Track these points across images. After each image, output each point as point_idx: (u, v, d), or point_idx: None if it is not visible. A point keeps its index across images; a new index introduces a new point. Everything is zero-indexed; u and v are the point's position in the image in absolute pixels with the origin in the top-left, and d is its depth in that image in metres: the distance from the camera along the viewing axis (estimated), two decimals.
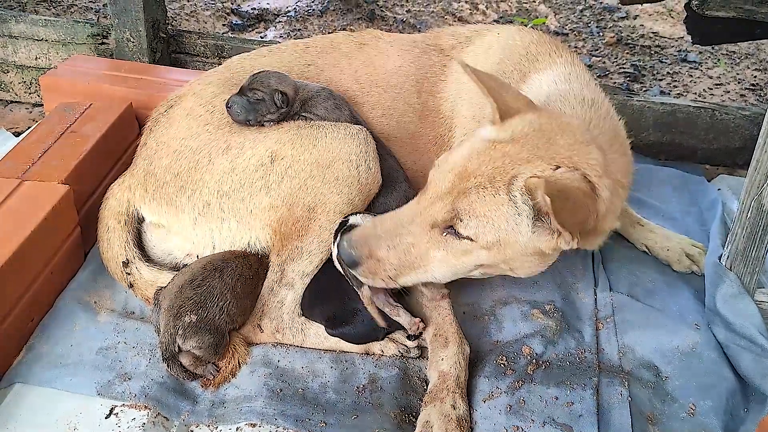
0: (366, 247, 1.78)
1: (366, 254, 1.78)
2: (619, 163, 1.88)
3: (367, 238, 1.79)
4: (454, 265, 1.79)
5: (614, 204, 1.81)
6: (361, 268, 1.79)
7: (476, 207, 1.69)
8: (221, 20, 4.39)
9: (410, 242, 1.77)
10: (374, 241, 1.78)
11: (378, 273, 1.79)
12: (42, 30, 3.21)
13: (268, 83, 2.10)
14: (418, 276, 1.82)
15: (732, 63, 4.30)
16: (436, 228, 1.74)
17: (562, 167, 1.69)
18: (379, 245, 1.77)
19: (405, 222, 1.78)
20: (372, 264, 1.78)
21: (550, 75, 2.13)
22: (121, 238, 2.11)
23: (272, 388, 1.84)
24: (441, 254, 1.77)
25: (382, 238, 1.78)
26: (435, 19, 4.62)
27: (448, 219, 1.72)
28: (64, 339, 1.94)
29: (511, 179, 1.68)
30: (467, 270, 1.81)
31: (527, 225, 1.69)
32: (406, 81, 2.32)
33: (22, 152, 2.27)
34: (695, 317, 2.12)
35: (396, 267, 1.78)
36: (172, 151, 2.08)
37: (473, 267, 1.80)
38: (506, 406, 1.79)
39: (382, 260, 1.78)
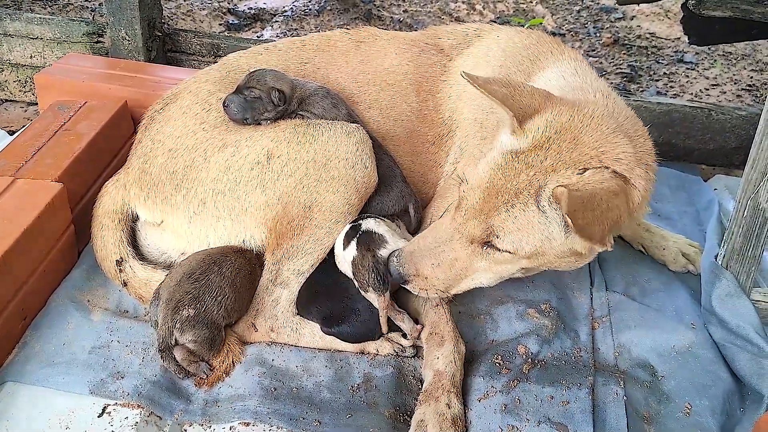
0: (412, 266, 1.82)
1: (413, 272, 1.82)
2: (645, 145, 1.87)
3: (413, 256, 1.83)
4: (499, 272, 1.83)
5: (648, 190, 1.81)
6: (411, 285, 1.85)
7: (508, 224, 1.70)
8: (218, 20, 4.38)
9: (453, 258, 1.80)
10: (419, 260, 1.82)
11: (429, 289, 1.85)
12: (37, 28, 3.20)
13: (265, 81, 2.09)
14: (467, 285, 1.86)
15: (728, 64, 4.31)
16: (476, 242, 1.77)
17: (589, 169, 1.67)
18: (424, 264, 1.82)
19: (445, 239, 1.81)
20: (420, 281, 1.83)
21: (556, 71, 2.12)
22: (115, 237, 2.10)
23: (266, 387, 1.82)
24: (484, 264, 1.80)
25: (426, 257, 1.82)
26: (432, 19, 4.62)
27: (484, 236, 1.74)
28: (56, 338, 1.93)
29: (537, 191, 1.67)
30: (510, 273, 1.85)
31: (560, 232, 1.69)
32: (403, 80, 2.31)
33: (15, 150, 2.26)
34: (691, 317, 2.12)
35: (444, 281, 1.83)
36: (168, 150, 2.07)
37: (516, 271, 1.83)
38: (501, 405, 1.78)
39: (429, 278, 1.82)
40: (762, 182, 1.91)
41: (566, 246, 1.72)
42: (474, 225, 1.74)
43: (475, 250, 1.78)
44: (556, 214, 1.67)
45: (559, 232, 1.69)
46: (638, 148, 1.78)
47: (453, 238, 1.79)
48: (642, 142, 1.86)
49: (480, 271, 1.82)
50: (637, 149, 1.77)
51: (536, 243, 1.71)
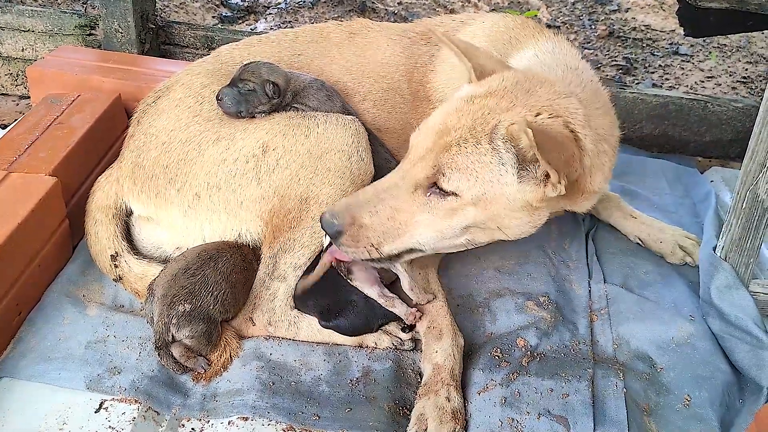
0: (348, 214, 1.74)
1: (348, 222, 1.73)
2: (603, 119, 1.88)
3: (349, 206, 1.76)
4: (441, 229, 1.76)
5: (601, 161, 1.82)
6: (344, 237, 1.74)
7: (458, 160, 1.68)
8: (211, 12, 4.35)
9: (394, 206, 1.74)
10: (357, 208, 1.75)
11: (360, 241, 1.75)
12: (29, 21, 3.16)
13: (259, 74, 2.08)
14: (404, 242, 1.78)
15: (723, 56, 4.31)
16: (420, 189, 1.73)
17: (542, 114, 1.69)
18: (361, 212, 1.74)
19: (388, 187, 1.76)
20: (354, 231, 1.74)
21: (532, 50, 2.14)
22: (108, 231, 2.08)
23: (264, 382, 1.81)
24: (426, 217, 1.74)
25: (365, 205, 1.75)
26: (426, 12, 4.60)
27: (430, 175, 1.70)
28: (52, 333, 1.91)
29: (492, 128, 1.68)
30: (454, 233, 1.77)
31: (512, 174, 1.68)
32: (396, 71, 2.31)
33: (8, 144, 2.23)
34: (690, 308, 2.12)
35: (380, 234, 1.75)
36: (161, 143, 2.05)
37: (460, 230, 1.77)
38: (501, 398, 1.77)
39: (365, 227, 1.74)
40: (761, 173, 1.90)
41: (518, 193, 1.70)
42: (420, 167, 1.71)
43: (418, 199, 1.73)
44: (510, 155, 1.66)
45: (512, 174, 1.68)
46: (590, 114, 1.80)
47: (397, 185, 1.74)
48: (600, 114, 1.87)
49: (421, 226, 1.75)
50: (589, 115, 1.79)
51: (485, 185, 1.68)
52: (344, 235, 1.74)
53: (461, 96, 1.79)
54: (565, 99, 1.77)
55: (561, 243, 2.37)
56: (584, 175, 1.78)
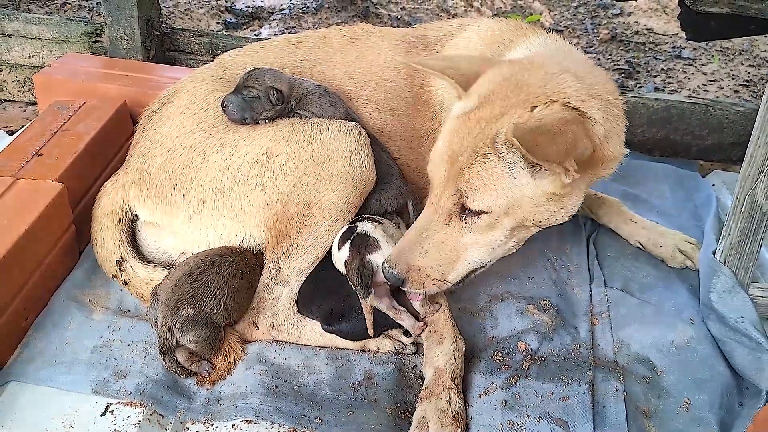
0: (403, 262, 1.81)
1: (406, 269, 1.81)
2: (605, 86, 1.89)
3: (400, 253, 1.82)
4: (488, 243, 1.82)
5: (613, 125, 1.84)
6: (409, 284, 1.82)
7: (474, 181, 1.72)
8: (215, 18, 4.38)
9: (439, 240, 1.80)
10: (407, 253, 1.82)
11: (426, 281, 1.83)
12: (35, 28, 3.20)
13: (263, 81, 2.10)
14: (463, 267, 1.85)
15: (726, 59, 4.32)
16: (454, 216, 1.78)
17: (538, 106, 1.71)
18: (413, 256, 1.81)
19: (426, 225, 1.82)
20: (415, 275, 1.82)
21: (524, 48, 2.17)
22: (114, 237, 2.10)
23: (268, 385, 1.83)
24: (470, 238, 1.80)
25: (413, 248, 1.82)
26: (429, 17, 4.62)
27: (457, 202, 1.75)
28: (59, 337, 1.94)
29: (492, 140, 1.71)
30: (501, 242, 1.83)
31: (526, 174, 1.71)
32: (397, 75, 2.33)
33: (15, 150, 2.26)
34: (690, 312, 2.13)
35: (438, 268, 1.82)
36: (166, 150, 2.07)
37: (505, 236, 1.82)
38: (502, 402, 1.79)
39: (423, 269, 1.81)
40: (759, 178, 1.92)
41: (538, 189, 1.73)
42: (446, 197, 1.76)
43: (456, 225, 1.79)
44: (516, 157, 1.69)
45: (525, 175, 1.71)
46: (588, 83, 1.81)
47: (433, 221, 1.80)
48: (599, 80, 1.88)
49: (470, 248, 1.82)
50: (588, 84, 1.80)
51: (507, 193, 1.72)
52: (409, 281, 1.82)
53: (456, 115, 1.82)
54: (559, 77, 1.77)
55: (562, 247, 2.38)
56: (602, 145, 1.78)
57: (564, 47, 2.15)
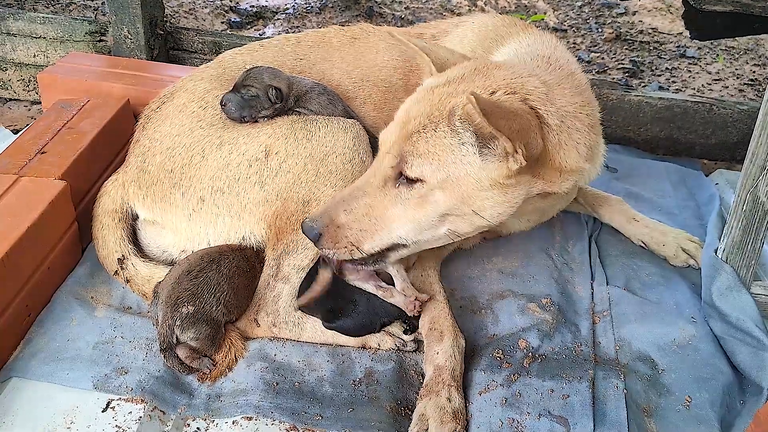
0: (326, 216, 1.78)
1: (326, 224, 1.78)
2: (571, 98, 1.89)
3: (327, 208, 1.80)
4: (416, 220, 1.78)
5: (572, 138, 1.83)
6: (323, 239, 1.78)
7: (419, 145, 1.72)
8: (220, 18, 4.39)
9: (367, 203, 1.78)
10: (333, 209, 1.79)
11: (340, 241, 1.78)
12: (40, 27, 3.21)
13: (262, 79, 2.11)
14: (382, 238, 1.81)
15: (731, 58, 4.30)
16: (389, 181, 1.76)
17: (498, 91, 1.73)
18: (338, 212, 1.78)
19: (361, 184, 1.80)
20: (332, 231, 1.77)
21: (513, 45, 2.19)
22: (115, 236, 2.11)
23: (269, 382, 1.84)
24: (399, 209, 1.77)
25: (339, 204, 1.79)
26: (434, 16, 4.62)
27: (395, 165, 1.73)
28: (61, 334, 1.94)
29: (449, 110, 1.71)
30: (431, 223, 1.79)
31: (474, 153, 1.71)
32: (394, 74, 2.34)
33: (19, 148, 2.28)
34: (692, 310, 2.12)
35: (357, 232, 1.78)
36: (165, 148, 2.08)
37: (436, 219, 1.78)
38: (502, 399, 1.79)
39: (342, 226, 1.78)
40: (761, 175, 1.91)
41: (482, 171, 1.72)
42: (388, 160, 1.75)
43: (389, 192, 1.77)
44: (468, 134, 1.69)
45: (473, 153, 1.70)
46: (555, 93, 1.83)
47: (368, 182, 1.79)
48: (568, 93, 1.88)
49: (396, 220, 1.78)
50: (553, 93, 1.82)
51: (449, 167, 1.71)
52: (324, 237, 1.78)
53: (422, 87, 1.86)
54: (524, 79, 1.80)
55: (564, 245, 2.38)
56: (554, 151, 1.79)
57: (552, 51, 2.13)
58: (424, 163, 1.71)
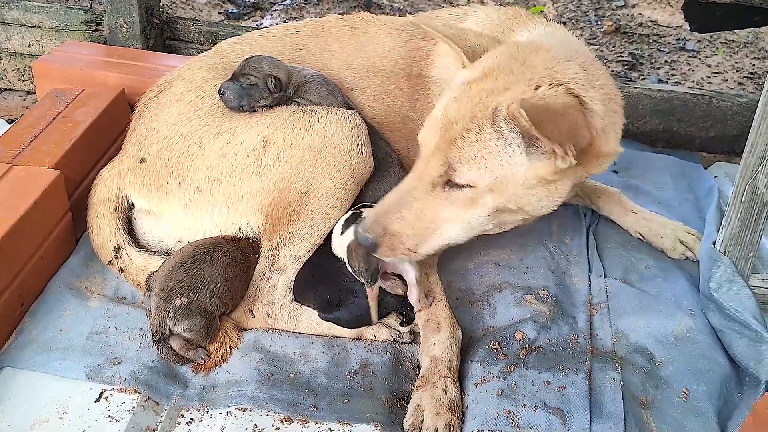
0: (379, 225, 1.76)
1: (381, 233, 1.76)
2: (606, 80, 1.86)
3: (378, 216, 1.78)
4: (467, 220, 1.77)
5: (612, 121, 1.81)
6: (381, 248, 1.77)
7: (465, 151, 1.68)
8: (217, 8, 4.37)
9: (418, 208, 1.75)
10: (384, 217, 1.77)
11: (397, 248, 1.77)
12: (35, 17, 3.18)
13: (261, 68, 2.09)
14: (437, 240, 1.80)
15: (731, 51, 4.29)
16: (438, 186, 1.74)
17: (542, 86, 1.67)
18: (390, 220, 1.76)
19: (408, 190, 1.77)
20: (388, 240, 1.76)
21: (525, 34, 2.14)
22: (110, 225, 2.10)
23: (263, 373, 1.83)
24: (450, 211, 1.75)
25: (391, 212, 1.77)
26: (432, 7, 4.60)
27: (443, 173, 1.70)
28: (54, 324, 1.93)
29: (493, 112, 1.66)
30: (481, 222, 1.79)
31: (521, 153, 1.67)
32: (395, 65, 2.31)
33: (13, 137, 2.26)
34: (690, 302, 2.11)
35: (412, 237, 1.77)
36: (163, 137, 2.06)
37: (485, 217, 1.77)
38: (498, 391, 1.78)
39: (397, 234, 1.76)
40: (760, 167, 1.90)
41: (530, 170, 1.69)
42: (432, 165, 1.72)
43: (438, 195, 1.74)
44: (514, 134, 1.65)
45: (520, 154, 1.67)
46: (592, 76, 1.79)
47: (416, 187, 1.76)
48: (601, 74, 1.85)
49: (448, 222, 1.77)
50: (591, 76, 1.78)
51: (497, 170, 1.68)
52: (380, 246, 1.77)
53: (458, 83, 1.78)
54: (565, 63, 1.74)
55: (562, 237, 2.37)
56: (598, 138, 1.75)
57: (567, 36, 2.12)
58: (473, 169, 1.68)
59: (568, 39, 2.08)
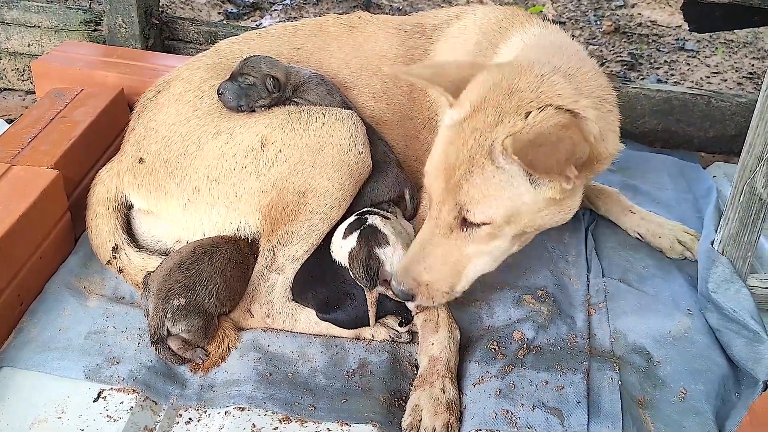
0: (410, 278, 1.78)
1: (414, 285, 1.78)
2: (597, 81, 1.86)
3: (407, 270, 1.79)
4: (491, 252, 1.79)
5: (608, 121, 1.81)
6: (419, 298, 1.80)
7: (473, 193, 1.68)
8: (216, 8, 4.37)
9: (441, 254, 1.77)
10: (413, 268, 1.78)
11: (435, 295, 1.80)
12: (35, 16, 3.18)
13: (259, 68, 2.09)
14: (469, 276, 1.82)
15: (730, 51, 4.28)
16: (455, 229, 1.75)
17: (532, 111, 1.66)
18: (419, 272, 1.78)
19: (428, 239, 1.78)
20: (424, 290, 1.79)
21: (519, 37, 2.14)
22: (109, 225, 2.10)
23: (262, 373, 1.83)
24: (474, 248, 1.76)
25: (418, 264, 1.78)
26: (431, 7, 4.60)
27: (457, 215, 1.72)
28: (53, 323, 1.93)
29: (489, 150, 1.66)
30: (504, 249, 1.81)
31: (525, 183, 1.67)
32: (393, 63, 2.31)
33: (12, 137, 2.26)
34: (688, 302, 2.12)
35: (444, 281, 1.79)
36: (161, 137, 2.07)
37: (508, 244, 1.79)
38: (496, 390, 1.78)
39: (429, 283, 1.78)
40: (758, 167, 1.90)
41: (538, 197, 1.70)
42: (446, 211, 1.73)
43: (458, 237, 1.75)
44: (514, 167, 1.65)
45: (524, 183, 1.67)
46: (580, 81, 1.79)
47: (434, 234, 1.77)
48: (590, 77, 1.85)
49: (474, 258, 1.79)
50: (579, 82, 1.78)
51: (507, 204, 1.68)
52: (418, 296, 1.79)
53: (448, 125, 1.77)
54: (550, 79, 1.73)
55: (560, 237, 2.37)
56: (597, 143, 1.75)
57: (558, 38, 2.11)
58: (485, 208, 1.69)
59: (560, 40, 2.07)
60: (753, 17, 3.13)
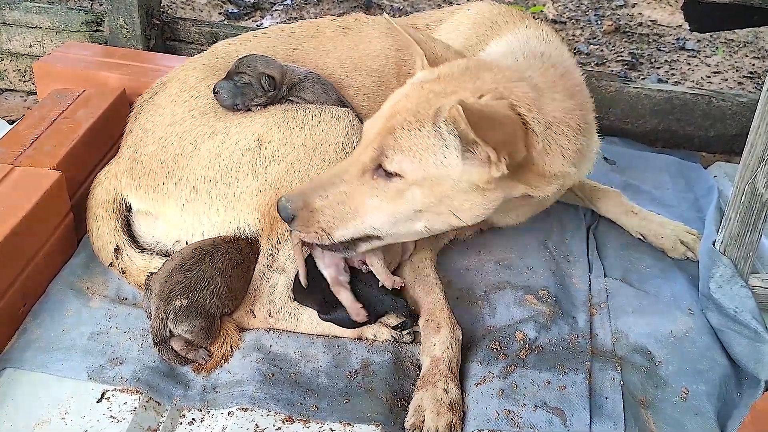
0: (301, 199, 1.76)
1: (300, 206, 1.76)
2: (562, 103, 1.86)
3: (303, 191, 1.79)
4: (391, 213, 1.76)
5: (558, 144, 1.81)
6: (296, 221, 1.77)
7: (401, 141, 1.70)
8: (217, 9, 4.37)
9: (343, 191, 1.76)
10: (309, 193, 1.77)
11: (311, 225, 1.77)
12: (36, 17, 3.19)
13: (255, 67, 2.09)
14: (355, 227, 1.79)
15: (730, 51, 4.29)
16: (367, 173, 1.74)
17: (486, 96, 1.70)
18: (313, 197, 1.76)
19: (339, 172, 1.78)
20: (305, 215, 1.76)
21: (508, 37, 2.16)
22: (109, 227, 2.10)
23: (264, 373, 1.83)
24: (375, 201, 1.75)
25: (317, 190, 1.77)
26: (432, 8, 4.60)
27: (375, 157, 1.71)
28: (56, 324, 1.93)
29: (436, 111, 1.69)
30: (405, 217, 1.78)
31: (456, 156, 1.68)
32: (386, 64, 2.33)
33: (14, 138, 2.26)
34: (689, 302, 2.12)
35: (330, 218, 1.77)
36: (158, 138, 2.07)
37: (412, 213, 1.77)
38: (498, 390, 1.78)
39: (315, 211, 1.76)
40: (760, 167, 1.90)
41: (464, 176, 1.70)
42: (368, 151, 1.73)
43: (367, 182, 1.74)
44: (452, 137, 1.67)
45: (456, 156, 1.68)
46: (545, 98, 1.80)
47: (347, 170, 1.76)
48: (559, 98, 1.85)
49: (371, 211, 1.76)
50: (543, 99, 1.79)
51: (429, 167, 1.69)
52: (297, 219, 1.77)
53: (412, 81, 1.83)
54: (515, 83, 1.77)
55: (562, 237, 2.38)
56: (538, 158, 1.77)
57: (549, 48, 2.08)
58: (404, 159, 1.70)
59: (550, 51, 2.05)
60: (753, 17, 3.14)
